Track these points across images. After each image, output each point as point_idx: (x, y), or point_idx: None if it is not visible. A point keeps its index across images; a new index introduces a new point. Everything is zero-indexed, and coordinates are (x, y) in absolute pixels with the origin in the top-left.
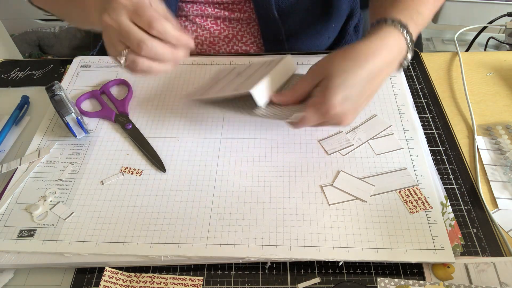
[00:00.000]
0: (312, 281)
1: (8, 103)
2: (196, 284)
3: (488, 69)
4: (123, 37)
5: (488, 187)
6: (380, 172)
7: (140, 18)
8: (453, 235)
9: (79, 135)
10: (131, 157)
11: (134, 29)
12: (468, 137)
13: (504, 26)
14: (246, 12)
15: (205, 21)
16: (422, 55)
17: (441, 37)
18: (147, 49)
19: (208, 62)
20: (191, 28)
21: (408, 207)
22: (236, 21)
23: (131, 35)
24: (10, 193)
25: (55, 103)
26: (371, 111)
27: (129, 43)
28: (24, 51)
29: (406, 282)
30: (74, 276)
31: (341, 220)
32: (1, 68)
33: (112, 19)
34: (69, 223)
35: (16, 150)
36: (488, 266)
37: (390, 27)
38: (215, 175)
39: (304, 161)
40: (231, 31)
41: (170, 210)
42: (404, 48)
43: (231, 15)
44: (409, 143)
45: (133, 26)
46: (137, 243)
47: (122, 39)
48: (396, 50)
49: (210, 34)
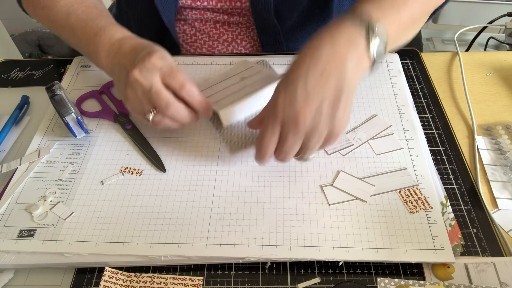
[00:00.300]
0: (312, 281)
1: (8, 103)
2: (196, 284)
3: (488, 69)
4: (152, 96)
5: (488, 187)
6: (380, 172)
7: (173, 80)
8: (453, 235)
9: (79, 135)
10: (131, 157)
11: (165, 91)
12: (468, 137)
13: (504, 26)
14: (246, 16)
15: (204, 25)
16: (422, 55)
17: (441, 37)
18: (173, 112)
19: (208, 62)
20: (190, 32)
21: (408, 207)
22: (235, 25)
23: (161, 97)
24: (10, 193)
25: (55, 103)
26: (371, 111)
27: (157, 103)
28: (24, 51)
29: (406, 282)
30: (74, 276)
31: (341, 220)
32: (1, 68)
33: (144, 78)
34: (69, 223)
35: (16, 150)
36: (488, 266)
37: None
38: (215, 175)
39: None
40: (230, 35)
41: (170, 210)
42: (358, 37)
43: (230, 18)
44: (409, 143)
45: (164, 88)
46: (137, 243)
47: (151, 98)
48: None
49: (209, 37)
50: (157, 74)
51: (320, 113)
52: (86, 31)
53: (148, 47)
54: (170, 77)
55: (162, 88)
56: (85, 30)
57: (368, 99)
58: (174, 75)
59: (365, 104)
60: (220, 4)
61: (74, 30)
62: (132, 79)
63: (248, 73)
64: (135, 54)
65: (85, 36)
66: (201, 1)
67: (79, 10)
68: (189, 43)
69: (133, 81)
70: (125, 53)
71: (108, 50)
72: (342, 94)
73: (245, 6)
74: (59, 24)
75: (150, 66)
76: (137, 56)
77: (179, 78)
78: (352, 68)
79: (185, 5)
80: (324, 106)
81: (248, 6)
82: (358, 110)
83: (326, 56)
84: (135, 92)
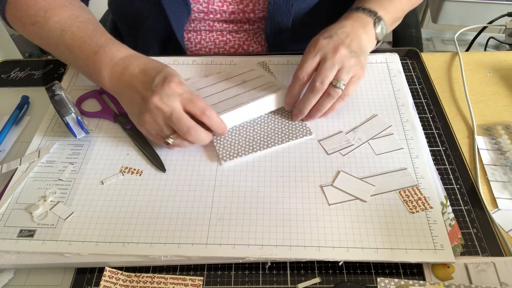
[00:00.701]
0: (312, 281)
1: (8, 103)
2: (196, 284)
3: (488, 69)
4: (173, 122)
5: (488, 187)
6: (380, 172)
7: (195, 105)
8: (453, 235)
9: (79, 135)
10: (131, 157)
11: (186, 117)
12: (468, 137)
13: (504, 26)
14: (255, 24)
15: (211, 33)
16: (422, 55)
17: (441, 37)
18: (194, 136)
19: (208, 62)
20: (194, 40)
21: (408, 207)
22: (243, 31)
23: (182, 122)
24: (10, 193)
25: (55, 103)
26: (371, 111)
27: (178, 128)
28: (24, 51)
29: (406, 282)
30: (74, 276)
31: (341, 220)
32: (1, 68)
33: (165, 104)
34: (69, 223)
35: (16, 150)
36: (488, 266)
37: (353, 11)
38: (215, 175)
39: (304, 161)
40: (237, 41)
41: (170, 210)
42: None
43: (239, 28)
44: (409, 143)
45: (185, 114)
46: (137, 243)
47: (171, 123)
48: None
49: (215, 45)
50: (178, 100)
51: (349, 56)
52: (83, 49)
53: (161, 70)
54: (191, 103)
55: (183, 114)
56: (83, 48)
57: (368, 99)
58: (195, 101)
59: (365, 104)
60: (233, 16)
61: (70, 49)
62: (152, 106)
63: (250, 76)
64: (148, 78)
65: (83, 55)
66: (214, 14)
67: (74, 26)
68: (194, 51)
69: (153, 107)
70: (134, 75)
71: (111, 70)
72: (361, 52)
73: (259, 16)
74: (53, 42)
75: (171, 92)
76: (152, 81)
77: (200, 104)
78: (366, 40)
79: (197, 17)
80: (352, 54)
81: (262, 16)
82: (358, 110)
83: (349, 29)
84: (154, 118)
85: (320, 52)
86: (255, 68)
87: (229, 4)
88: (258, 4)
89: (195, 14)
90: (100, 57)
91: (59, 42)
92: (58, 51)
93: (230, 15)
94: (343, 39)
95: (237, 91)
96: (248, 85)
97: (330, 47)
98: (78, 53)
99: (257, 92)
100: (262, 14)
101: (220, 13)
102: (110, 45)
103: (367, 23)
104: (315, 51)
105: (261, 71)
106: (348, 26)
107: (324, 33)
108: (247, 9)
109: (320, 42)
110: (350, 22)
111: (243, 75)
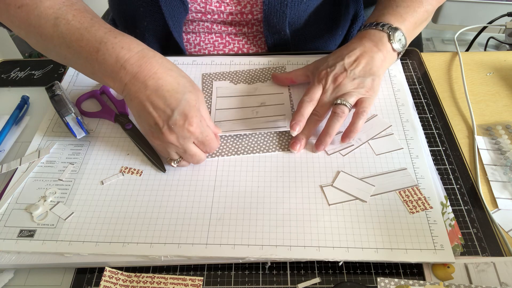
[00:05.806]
0: (312, 281)
1: (8, 103)
2: (196, 284)
3: (488, 69)
4: (184, 155)
5: (488, 187)
6: (380, 172)
7: (205, 147)
8: (453, 235)
9: (79, 135)
10: (131, 157)
11: (198, 152)
12: (468, 137)
13: (504, 26)
14: (254, 26)
15: (210, 35)
16: (422, 55)
17: (441, 37)
18: (199, 161)
19: (208, 62)
20: (193, 42)
21: (408, 207)
22: (243, 34)
23: (195, 157)
24: (10, 193)
25: (55, 103)
26: (371, 111)
27: (186, 159)
28: (24, 51)
29: (406, 282)
30: (74, 276)
31: (341, 220)
32: (1, 68)
33: (180, 144)
34: (69, 223)
35: (16, 150)
36: (488, 266)
37: (366, 28)
38: (215, 175)
39: (304, 161)
40: (237, 44)
41: (170, 210)
42: (383, 35)
43: (238, 31)
44: (409, 143)
45: (196, 150)
46: (137, 243)
47: (181, 155)
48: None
49: (215, 47)
50: (192, 141)
51: (351, 83)
52: (82, 44)
53: (180, 100)
54: (203, 145)
55: (195, 150)
56: (82, 44)
57: None
58: (207, 144)
59: None
60: (231, 17)
61: (67, 42)
62: (166, 140)
63: (271, 100)
64: (165, 107)
65: (83, 52)
66: (212, 15)
67: (69, 14)
68: (193, 52)
69: (167, 142)
70: (147, 95)
71: (118, 74)
72: (369, 75)
73: (257, 18)
74: (46, 32)
75: (188, 135)
76: (171, 114)
77: (210, 146)
78: (379, 59)
79: (195, 18)
80: (356, 80)
81: (260, 18)
82: None
83: (358, 52)
84: (164, 146)
85: (322, 82)
86: (284, 93)
87: (227, 5)
88: (256, 6)
89: (193, 14)
90: (103, 57)
91: (54, 33)
92: (52, 43)
93: (228, 16)
94: (346, 68)
95: (251, 113)
96: (264, 111)
97: (330, 79)
98: (77, 48)
99: (266, 122)
100: (260, 15)
101: (218, 14)
102: (111, 39)
103: (381, 38)
104: (319, 82)
105: (286, 98)
106: (358, 49)
107: (330, 61)
108: (244, 10)
109: (322, 74)
110: (362, 43)
111: (268, 96)
